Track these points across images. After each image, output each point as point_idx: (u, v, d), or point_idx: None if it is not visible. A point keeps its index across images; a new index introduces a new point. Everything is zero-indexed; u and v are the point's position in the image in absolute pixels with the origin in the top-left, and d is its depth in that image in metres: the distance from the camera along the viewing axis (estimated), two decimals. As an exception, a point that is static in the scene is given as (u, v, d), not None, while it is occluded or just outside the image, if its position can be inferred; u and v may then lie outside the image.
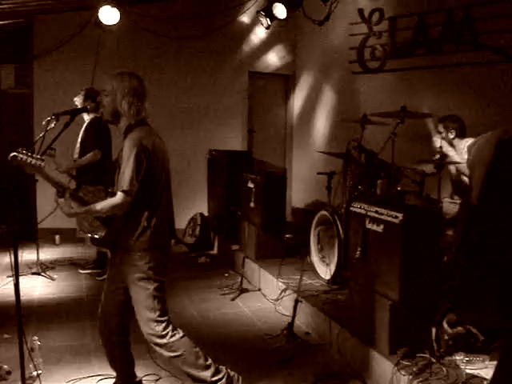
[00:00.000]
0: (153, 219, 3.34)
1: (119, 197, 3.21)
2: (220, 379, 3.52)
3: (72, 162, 6.24)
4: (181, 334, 3.46)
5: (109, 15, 6.92)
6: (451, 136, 5.48)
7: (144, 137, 3.29)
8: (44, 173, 3.18)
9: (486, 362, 3.63)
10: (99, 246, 3.42)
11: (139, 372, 3.82)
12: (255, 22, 8.49)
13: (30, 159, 3.09)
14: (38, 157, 3.11)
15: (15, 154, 3.04)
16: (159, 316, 3.39)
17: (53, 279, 6.44)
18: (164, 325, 3.40)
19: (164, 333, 3.38)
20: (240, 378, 3.66)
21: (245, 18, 8.88)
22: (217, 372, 3.53)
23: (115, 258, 3.49)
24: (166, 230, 3.48)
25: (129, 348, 3.68)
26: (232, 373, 3.63)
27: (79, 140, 6.26)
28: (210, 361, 3.53)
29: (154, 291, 3.37)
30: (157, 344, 3.40)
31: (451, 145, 5.52)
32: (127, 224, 3.33)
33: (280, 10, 7.17)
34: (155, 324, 3.38)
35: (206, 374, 3.48)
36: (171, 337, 3.40)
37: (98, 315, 3.60)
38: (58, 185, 3.25)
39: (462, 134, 5.47)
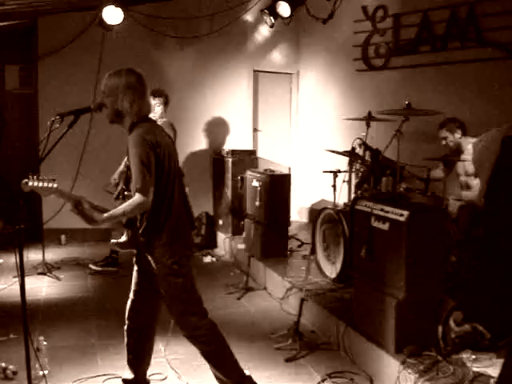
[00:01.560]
0: (169, 214, 3.31)
1: (137, 197, 3.16)
2: (244, 382, 3.53)
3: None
4: (216, 330, 3.47)
5: (113, 15, 6.92)
6: (458, 136, 5.48)
7: (146, 132, 3.26)
8: (60, 192, 3.12)
9: (493, 360, 3.62)
10: (125, 248, 3.40)
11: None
12: (259, 20, 8.48)
13: (41, 183, 3.03)
14: (50, 178, 3.07)
15: (26, 181, 3.00)
16: (192, 307, 3.40)
17: (59, 279, 6.45)
18: (199, 316, 3.41)
19: (199, 324, 3.39)
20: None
21: (249, 17, 8.87)
22: (242, 376, 3.53)
23: (140, 258, 3.49)
24: (185, 223, 3.45)
25: (152, 347, 3.69)
26: (248, 373, 3.62)
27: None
28: (238, 365, 3.53)
29: (183, 283, 3.36)
30: (192, 336, 3.40)
31: (459, 147, 5.51)
32: (145, 222, 3.32)
33: (284, 9, 7.16)
34: (189, 315, 3.38)
35: (232, 375, 3.49)
36: (207, 329, 3.41)
37: (127, 311, 3.59)
38: (73, 199, 3.19)
39: (465, 133, 5.48)
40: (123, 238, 3.37)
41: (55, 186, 3.07)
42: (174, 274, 3.34)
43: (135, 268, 3.58)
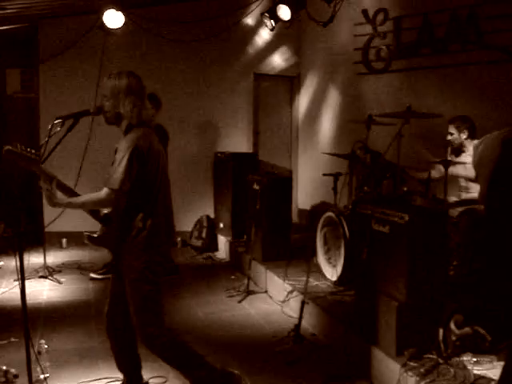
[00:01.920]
0: (148, 220, 3.32)
1: (104, 193, 3.21)
2: (215, 379, 3.50)
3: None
4: (174, 335, 3.45)
5: (113, 19, 6.94)
6: (464, 136, 5.46)
7: (141, 138, 3.29)
8: (39, 168, 3.16)
9: (494, 363, 3.61)
10: (96, 244, 3.41)
11: (145, 374, 3.82)
12: (260, 23, 8.49)
13: (23, 153, 3.08)
14: (33, 151, 3.12)
15: (10, 147, 3.04)
16: (152, 316, 3.39)
17: (60, 283, 6.45)
18: (156, 326, 3.39)
19: (155, 334, 3.37)
20: (237, 373, 3.61)
21: (249, 20, 8.89)
22: (212, 371, 3.50)
23: (117, 260, 3.50)
24: (163, 232, 3.46)
25: (136, 349, 3.68)
26: (228, 370, 3.60)
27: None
28: (204, 360, 3.50)
29: (149, 292, 3.36)
30: (150, 345, 3.40)
31: (463, 147, 5.50)
32: (123, 224, 3.33)
33: (284, 12, 7.17)
34: (147, 326, 3.37)
35: (201, 374, 3.47)
36: (164, 337, 3.39)
37: (105, 316, 3.61)
38: (48, 175, 3.21)
39: (472, 135, 5.45)
40: (96, 233, 3.39)
41: (36, 158, 3.10)
42: (144, 280, 3.34)
43: (112, 274, 3.60)
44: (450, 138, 5.54)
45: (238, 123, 9.10)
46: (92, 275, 6.68)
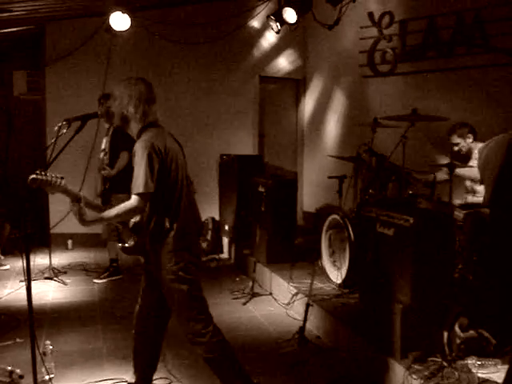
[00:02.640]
0: (175, 220, 3.32)
1: (134, 200, 3.17)
2: None
3: (108, 171, 6.27)
4: (221, 337, 3.45)
5: (120, 21, 6.96)
6: (470, 141, 5.46)
7: (155, 137, 3.28)
8: (67, 191, 3.13)
9: (499, 366, 3.61)
10: (130, 254, 3.42)
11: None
12: (265, 26, 8.51)
13: (49, 179, 3.04)
14: (58, 175, 3.09)
15: (34, 176, 3.01)
16: (197, 314, 3.39)
17: (65, 284, 6.47)
18: (204, 323, 3.39)
19: (204, 331, 3.37)
20: None
21: (255, 23, 8.91)
22: (248, 383, 3.52)
23: (147, 263, 3.50)
24: (193, 230, 3.46)
25: (160, 352, 3.70)
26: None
27: (104, 148, 6.32)
28: (244, 371, 3.52)
29: (189, 290, 3.35)
30: (196, 342, 3.39)
31: (470, 152, 5.49)
32: (151, 228, 3.33)
33: (290, 15, 7.18)
34: (194, 322, 3.37)
35: (237, 382, 3.48)
36: (211, 337, 3.39)
37: (135, 315, 3.61)
38: (75, 196, 3.21)
39: (476, 137, 5.47)
40: (129, 243, 3.38)
41: (63, 183, 3.08)
42: (179, 280, 3.33)
43: (144, 274, 3.59)
44: (456, 148, 5.52)
45: (243, 125, 9.12)
46: (96, 281, 6.65)
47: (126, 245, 3.38)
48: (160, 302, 3.51)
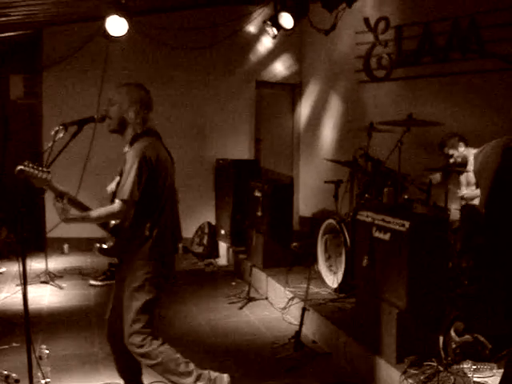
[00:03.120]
0: (154, 230, 3.35)
1: (117, 205, 3.24)
2: None
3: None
4: (159, 342, 3.43)
5: (117, 26, 6.94)
6: (462, 149, 5.50)
7: (148, 147, 3.32)
8: (51, 185, 3.19)
9: (494, 371, 3.61)
10: (107, 255, 3.43)
11: (145, 380, 3.82)
12: (262, 31, 8.52)
13: (36, 172, 3.10)
14: (45, 169, 3.13)
15: (21, 167, 3.05)
16: (142, 328, 3.39)
17: (61, 288, 6.46)
18: (143, 336, 3.38)
19: (142, 343, 3.37)
20: (225, 376, 3.57)
21: (252, 28, 8.93)
22: (199, 378, 3.48)
23: (121, 267, 3.52)
24: (169, 243, 3.49)
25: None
26: (215, 374, 3.56)
27: None
28: (191, 367, 3.48)
29: (145, 304, 3.37)
30: (136, 353, 3.41)
31: (466, 160, 5.52)
32: (130, 233, 3.36)
33: (286, 20, 7.20)
34: (135, 335, 3.38)
35: (189, 381, 3.45)
36: (149, 346, 3.38)
37: (106, 322, 3.62)
38: (60, 191, 3.24)
39: (467, 144, 5.51)
40: (107, 245, 3.40)
41: (49, 177, 3.11)
42: (143, 290, 3.36)
43: (116, 277, 3.61)
44: (452, 160, 5.56)
45: (239, 130, 9.13)
46: (92, 282, 6.67)
47: (104, 246, 3.39)
48: None
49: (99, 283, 6.62)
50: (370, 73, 7.80)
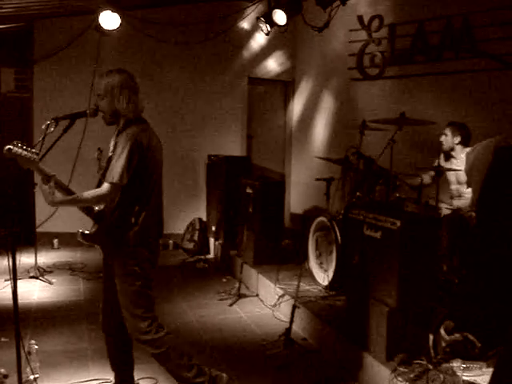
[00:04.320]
0: (141, 216, 3.35)
1: (106, 188, 3.23)
2: (202, 382, 3.50)
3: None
4: (165, 331, 3.45)
5: (109, 20, 6.93)
6: (456, 141, 5.51)
7: (140, 133, 3.32)
8: (38, 167, 3.17)
9: (483, 369, 3.63)
10: (89, 241, 3.41)
11: (135, 375, 3.82)
12: (255, 28, 8.50)
13: (24, 152, 3.08)
14: (33, 150, 3.12)
15: (10, 146, 3.04)
16: (144, 312, 3.39)
17: (51, 283, 6.43)
18: (149, 321, 3.39)
19: (148, 329, 3.38)
20: (225, 376, 3.61)
21: (245, 24, 8.90)
22: (200, 373, 3.50)
23: (106, 254, 3.50)
24: (155, 229, 3.48)
25: (131, 350, 3.69)
26: (215, 373, 3.59)
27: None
28: (193, 361, 3.51)
29: (140, 288, 3.37)
30: (140, 340, 3.40)
31: (452, 150, 5.55)
32: (116, 219, 3.34)
33: (280, 17, 7.18)
34: (140, 320, 3.38)
35: (189, 375, 3.47)
36: (155, 333, 3.39)
37: (100, 313, 3.60)
38: (46, 174, 3.23)
39: (465, 143, 5.52)
40: (90, 230, 3.39)
41: (36, 158, 3.11)
42: (134, 275, 3.36)
43: (103, 268, 3.60)
44: (442, 139, 5.59)
45: (231, 127, 9.11)
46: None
47: (86, 232, 3.38)
48: (116, 295, 3.48)
49: None
50: (363, 71, 7.80)
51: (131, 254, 3.35)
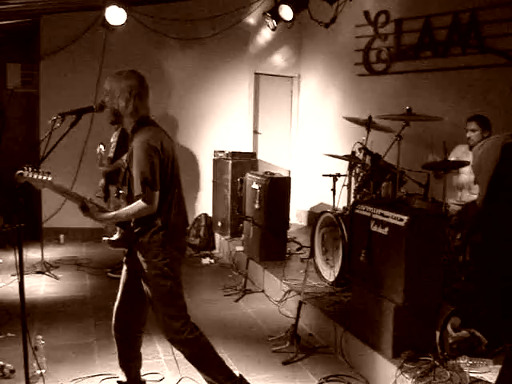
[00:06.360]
0: (167, 217, 3.34)
1: (140, 204, 3.22)
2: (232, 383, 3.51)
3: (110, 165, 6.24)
4: (199, 332, 3.45)
5: (115, 15, 6.93)
6: (485, 135, 5.37)
7: (151, 137, 3.28)
8: (54, 186, 3.17)
9: (490, 366, 3.62)
10: (117, 247, 3.41)
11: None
12: (261, 23, 8.49)
13: (35, 175, 3.07)
14: (45, 171, 3.10)
15: (21, 172, 3.02)
16: (177, 312, 3.40)
17: (57, 278, 6.45)
18: (182, 321, 3.39)
19: (183, 329, 3.38)
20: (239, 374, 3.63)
21: (251, 20, 8.89)
22: (230, 377, 3.52)
23: (131, 257, 3.49)
24: (181, 228, 3.49)
25: (139, 347, 3.69)
26: (247, 380, 3.61)
27: (112, 142, 6.30)
28: (224, 363, 3.53)
29: (171, 287, 3.37)
30: (173, 340, 3.40)
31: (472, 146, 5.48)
32: (142, 222, 3.33)
33: (286, 12, 7.17)
34: (174, 320, 3.38)
35: (219, 377, 3.48)
36: (189, 333, 3.39)
37: (114, 312, 3.59)
38: (73, 196, 3.25)
39: (480, 124, 5.45)
40: (115, 236, 3.39)
41: (49, 179, 3.10)
42: (164, 275, 3.35)
43: (124, 268, 3.59)
44: (469, 134, 5.49)
45: (237, 122, 9.11)
46: (110, 274, 6.51)
47: (113, 238, 3.39)
48: (140, 297, 3.48)
49: (118, 276, 6.47)
50: (369, 66, 7.78)
51: (160, 255, 3.34)
